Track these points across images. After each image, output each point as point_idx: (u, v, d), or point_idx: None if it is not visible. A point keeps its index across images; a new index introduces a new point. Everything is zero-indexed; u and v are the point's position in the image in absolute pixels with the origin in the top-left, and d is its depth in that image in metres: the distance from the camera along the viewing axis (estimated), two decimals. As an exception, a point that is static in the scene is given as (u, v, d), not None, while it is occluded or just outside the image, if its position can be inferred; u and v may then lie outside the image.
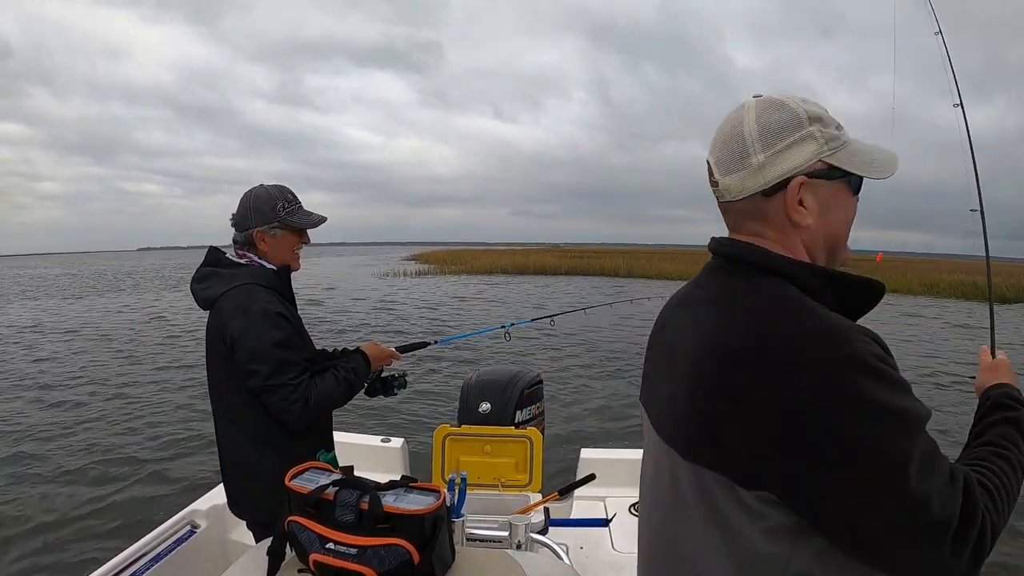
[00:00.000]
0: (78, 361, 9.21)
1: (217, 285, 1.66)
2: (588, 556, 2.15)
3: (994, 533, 0.67)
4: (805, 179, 0.75)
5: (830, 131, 0.76)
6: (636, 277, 28.04)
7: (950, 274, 26.05)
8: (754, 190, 0.77)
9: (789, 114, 0.76)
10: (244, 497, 1.74)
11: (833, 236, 0.80)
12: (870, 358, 0.66)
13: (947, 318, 15.87)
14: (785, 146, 0.75)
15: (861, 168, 0.78)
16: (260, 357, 1.57)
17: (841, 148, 0.77)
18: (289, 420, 1.60)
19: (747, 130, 0.76)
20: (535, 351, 9.94)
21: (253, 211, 1.69)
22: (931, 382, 8.23)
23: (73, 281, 29.49)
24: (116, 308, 16.45)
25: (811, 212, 0.76)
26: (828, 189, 0.77)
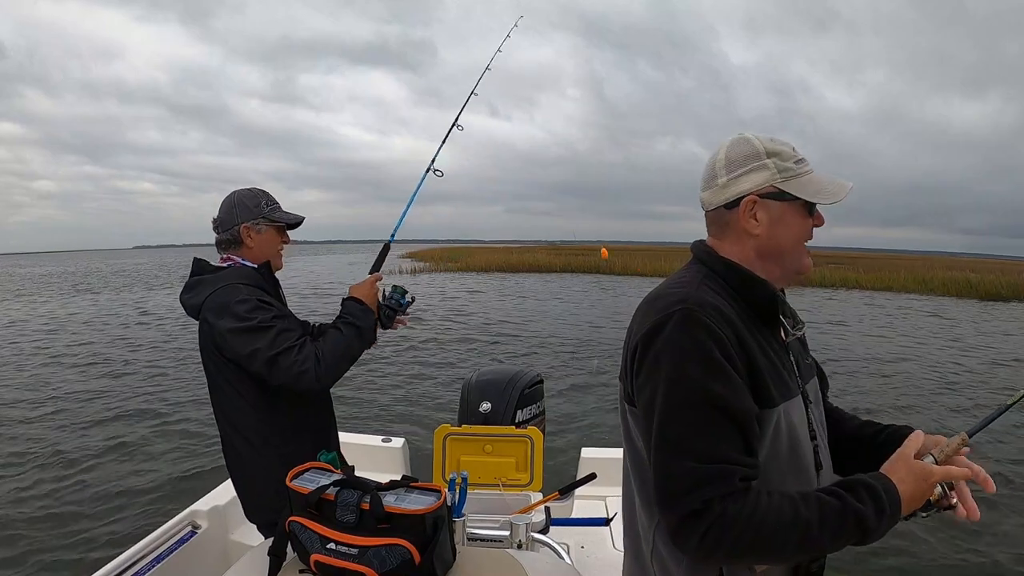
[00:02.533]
0: (77, 361, 9.21)
1: (202, 291, 1.67)
2: (589, 555, 2.15)
3: (733, 549, 0.80)
4: (757, 198, 0.96)
5: (785, 164, 0.96)
6: (630, 275, 28.06)
7: (944, 271, 26.12)
8: (719, 203, 0.99)
9: (751, 148, 0.98)
10: (254, 501, 1.73)
11: (780, 247, 0.98)
12: (693, 319, 0.86)
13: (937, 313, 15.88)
14: (743, 172, 0.97)
15: (809, 195, 0.96)
16: (255, 337, 1.56)
17: (794, 177, 0.96)
18: (309, 382, 1.56)
19: (718, 158, 1.00)
20: (535, 350, 9.94)
21: (238, 207, 1.71)
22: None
23: (72, 280, 29.49)
24: (114, 307, 16.46)
25: (762, 225, 0.97)
26: (779, 208, 0.96)
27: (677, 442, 0.83)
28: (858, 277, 25.08)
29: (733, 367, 0.85)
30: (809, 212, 0.97)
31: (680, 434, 0.83)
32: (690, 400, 0.83)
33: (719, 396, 0.83)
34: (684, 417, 0.83)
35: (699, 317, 0.86)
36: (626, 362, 0.95)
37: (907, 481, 0.85)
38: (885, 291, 22.87)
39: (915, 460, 0.87)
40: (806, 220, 0.98)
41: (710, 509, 0.79)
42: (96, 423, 6.15)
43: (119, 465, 5.01)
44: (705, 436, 0.82)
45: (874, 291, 22.84)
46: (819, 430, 1.01)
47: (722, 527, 0.79)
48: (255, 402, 1.65)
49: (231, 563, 1.20)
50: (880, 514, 0.81)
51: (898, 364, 9.17)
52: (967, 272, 24.97)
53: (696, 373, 0.83)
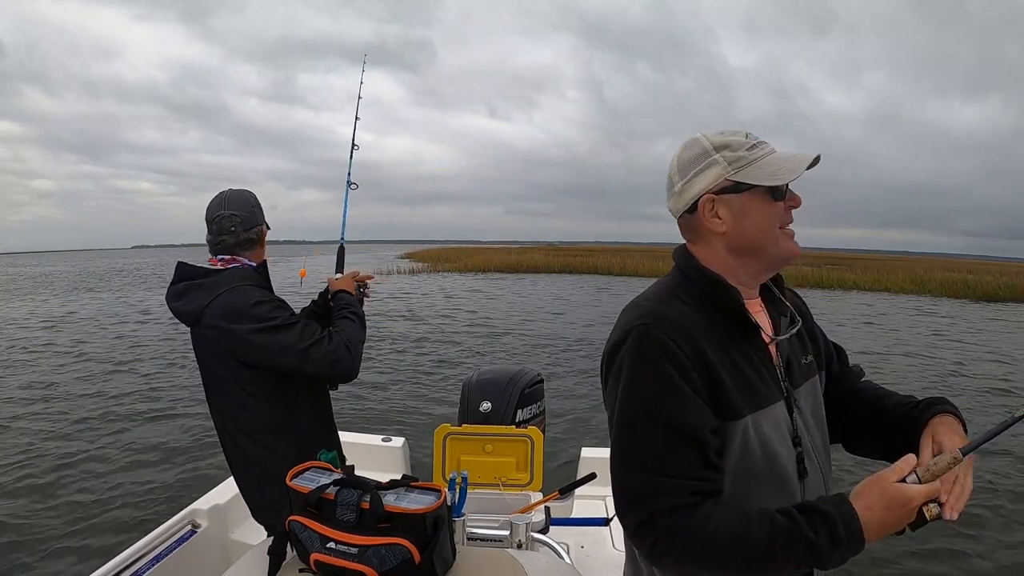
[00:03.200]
0: (76, 360, 9.21)
1: (200, 296, 1.63)
2: (589, 555, 2.15)
3: (680, 560, 0.83)
4: (713, 196, 0.95)
5: (736, 154, 0.94)
6: (629, 275, 28.09)
7: (942, 272, 26.15)
8: (681, 210, 0.99)
9: (699, 147, 0.96)
10: (264, 501, 1.72)
11: (750, 238, 0.95)
12: (649, 338, 0.88)
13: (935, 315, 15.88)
14: (695, 173, 0.96)
15: (764, 179, 0.93)
16: (283, 333, 1.58)
17: (747, 165, 0.93)
18: (345, 368, 1.63)
19: (671, 166, 1.00)
20: (535, 350, 9.95)
21: (257, 208, 1.73)
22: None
23: (71, 280, 29.50)
24: (113, 307, 16.46)
25: (725, 221, 0.95)
26: (739, 201, 0.94)
27: (629, 456, 0.88)
28: (855, 278, 25.11)
29: (689, 382, 0.86)
30: (774, 196, 0.93)
31: (632, 448, 0.88)
32: (642, 417, 0.87)
33: (670, 413, 0.85)
34: (636, 432, 0.88)
35: (655, 334, 0.88)
36: (601, 371, 0.98)
37: (876, 508, 0.79)
38: (882, 292, 22.90)
39: (893, 485, 0.80)
40: (773, 205, 0.94)
41: (656, 521, 0.83)
42: (95, 422, 6.16)
43: (118, 464, 5.01)
44: (654, 452, 0.85)
45: (872, 292, 22.86)
46: (807, 435, 0.98)
47: (669, 539, 0.82)
48: (268, 403, 1.64)
49: (231, 562, 1.20)
50: (834, 543, 0.78)
51: (891, 363, 9.18)
52: (965, 274, 24.99)
53: (648, 390, 0.87)
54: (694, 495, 0.83)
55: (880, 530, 0.80)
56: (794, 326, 1.02)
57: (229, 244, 1.71)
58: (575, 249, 60.49)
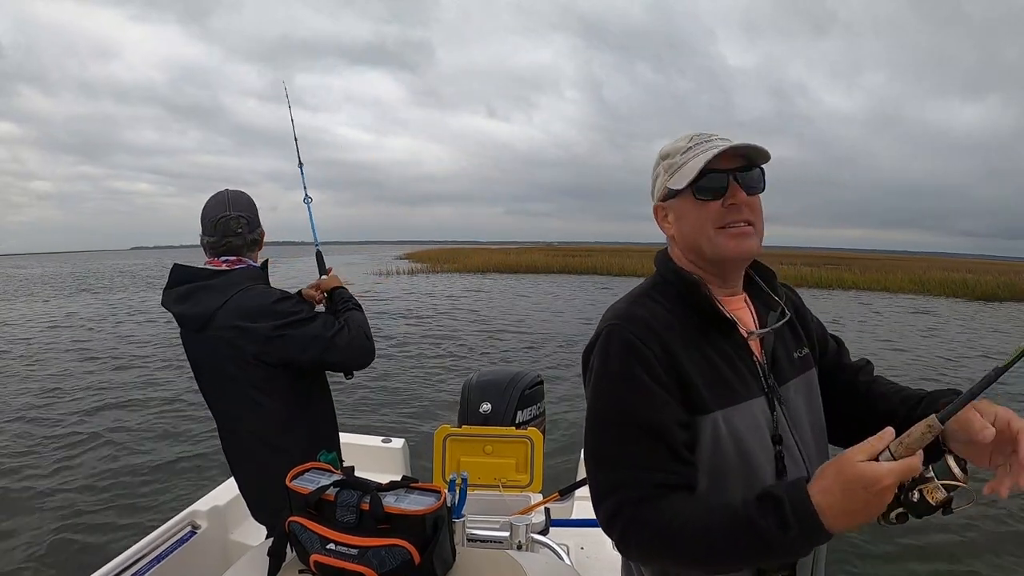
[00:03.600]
0: (76, 360, 9.21)
1: (210, 298, 1.61)
2: (589, 556, 2.15)
3: (645, 551, 0.88)
4: (659, 204, 1.03)
5: (672, 160, 0.98)
6: (627, 276, 28.11)
7: (941, 272, 26.17)
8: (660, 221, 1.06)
9: (655, 163, 1.04)
10: (266, 503, 1.71)
11: (689, 237, 0.99)
12: (616, 338, 0.92)
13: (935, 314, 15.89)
14: (652, 185, 1.05)
15: (676, 183, 0.96)
16: (308, 326, 1.63)
17: (676, 172, 0.96)
18: (368, 353, 1.72)
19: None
20: (535, 351, 9.94)
21: (256, 210, 1.74)
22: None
23: (71, 280, 29.51)
24: (111, 307, 16.46)
25: (672, 225, 1.02)
26: (676, 205, 1.00)
27: (598, 452, 0.92)
28: (854, 278, 25.12)
29: (655, 379, 0.88)
30: (697, 197, 0.94)
31: (600, 445, 0.91)
32: (608, 415, 0.91)
33: (635, 410, 0.88)
34: (604, 430, 0.91)
35: (622, 334, 0.91)
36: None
37: (834, 491, 0.71)
38: (880, 291, 22.92)
39: (853, 465, 0.71)
40: (703, 205, 0.94)
41: (622, 512, 0.86)
42: (94, 422, 6.16)
43: (118, 464, 5.01)
44: (621, 448, 0.88)
45: (870, 291, 22.88)
46: (793, 431, 0.95)
47: (635, 530, 0.85)
48: (283, 401, 1.65)
49: (231, 563, 1.20)
50: (784, 529, 0.73)
51: (885, 360, 9.18)
52: (964, 273, 25.01)
53: (613, 389, 0.90)
54: (659, 487, 0.85)
55: (844, 516, 0.71)
56: (778, 321, 1.00)
57: (236, 245, 1.69)
58: (575, 249, 60.54)
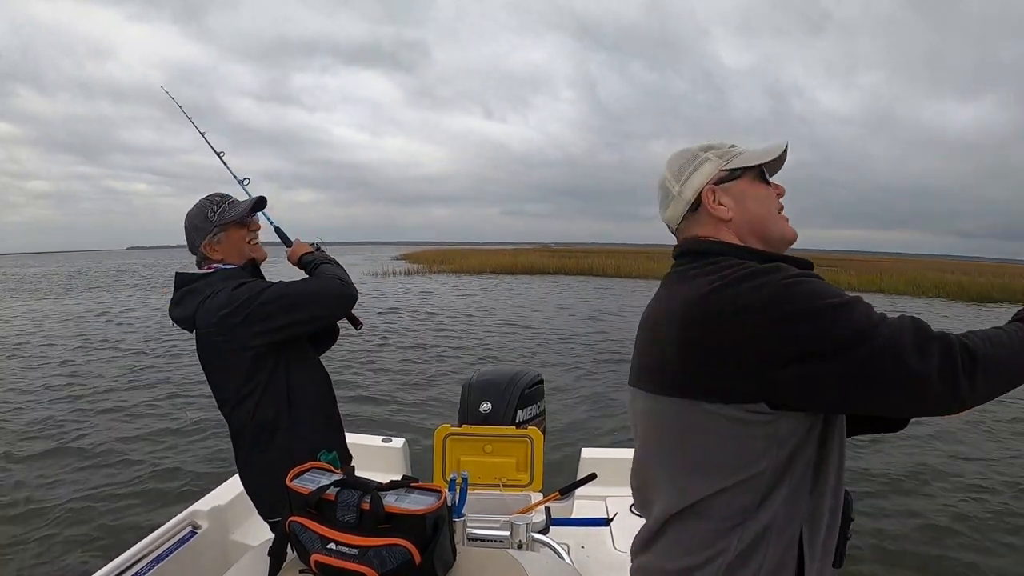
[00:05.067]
0: (76, 361, 9.21)
1: (193, 301, 1.67)
2: (589, 556, 2.15)
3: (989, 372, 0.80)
4: (713, 186, 0.98)
5: (722, 150, 1.00)
6: (624, 276, 28.13)
7: (937, 273, 26.20)
8: (683, 211, 1.01)
9: (688, 153, 1.02)
10: (262, 499, 1.74)
11: (756, 218, 0.98)
12: (814, 280, 0.83)
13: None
14: (690, 173, 1.00)
15: (754, 160, 0.99)
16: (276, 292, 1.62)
17: (735, 156, 1.00)
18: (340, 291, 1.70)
19: (665, 177, 1.04)
20: (535, 350, 9.95)
21: (193, 231, 1.72)
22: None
23: (71, 279, 29.53)
24: (111, 307, 16.46)
25: (729, 207, 0.98)
26: (737, 186, 0.98)
27: (871, 325, 0.79)
28: (849, 279, 25.14)
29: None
30: (765, 180, 1.00)
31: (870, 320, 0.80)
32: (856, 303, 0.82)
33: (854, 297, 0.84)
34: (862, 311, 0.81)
35: (817, 280, 0.85)
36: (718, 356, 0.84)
37: None
38: (876, 293, 22.96)
39: None
40: (767, 187, 1.00)
41: (948, 339, 0.79)
42: (93, 421, 6.16)
43: (118, 464, 5.01)
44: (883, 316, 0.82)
45: (865, 293, 22.90)
46: None
47: (971, 354, 0.79)
48: (271, 400, 1.66)
49: (231, 563, 1.20)
50: None
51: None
52: (959, 275, 25.05)
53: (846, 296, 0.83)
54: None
55: None
56: None
57: (196, 262, 1.77)
58: (571, 250, 60.62)
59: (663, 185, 1.04)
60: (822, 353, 0.79)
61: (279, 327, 1.62)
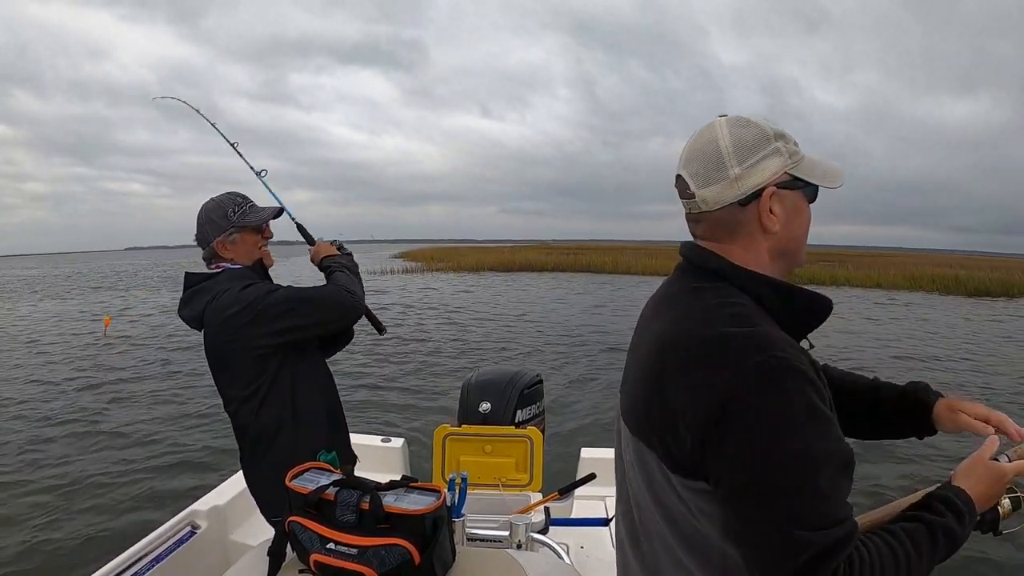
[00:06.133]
0: (77, 360, 9.21)
1: (200, 300, 1.68)
2: (588, 556, 2.15)
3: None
4: (775, 189, 0.83)
5: (791, 147, 0.85)
6: (622, 273, 28.14)
7: (934, 267, 26.27)
8: (731, 200, 0.84)
9: (758, 131, 0.84)
10: (264, 498, 1.75)
11: (796, 241, 0.88)
12: (792, 370, 0.72)
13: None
14: (758, 159, 0.83)
15: (818, 178, 0.86)
16: (276, 298, 1.63)
17: (801, 161, 0.85)
18: (341, 302, 1.68)
19: (723, 145, 0.83)
20: (534, 350, 9.94)
21: (207, 224, 1.72)
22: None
23: (73, 280, 29.50)
24: (110, 307, 16.44)
25: (779, 219, 0.84)
26: (792, 198, 0.85)
27: (798, 517, 0.70)
28: (847, 275, 25.17)
29: (830, 408, 0.75)
30: (811, 199, 0.88)
31: (801, 505, 0.70)
32: (811, 467, 0.70)
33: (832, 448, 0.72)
34: (806, 485, 0.70)
35: (796, 366, 0.72)
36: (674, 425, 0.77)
37: (982, 482, 0.85)
38: (874, 288, 22.98)
39: (991, 463, 0.87)
40: (809, 209, 0.89)
41: (852, 568, 0.70)
42: (92, 421, 6.16)
43: (117, 464, 5.01)
44: (829, 500, 0.71)
45: (863, 288, 22.93)
46: None
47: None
48: (276, 400, 1.67)
49: (231, 563, 1.20)
50: (960, 520, 0.81)
51: (875, 357, 9.21)
52: (957, 269, 25.13)
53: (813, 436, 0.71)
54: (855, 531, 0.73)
55: (980, 504, 0.85)
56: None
57: (204, 257, 1.78)
58: (569, 247, 60.60)
59: (715, 154, 0.83)
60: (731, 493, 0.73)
61: (284, 329, 1.63)
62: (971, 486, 0.84)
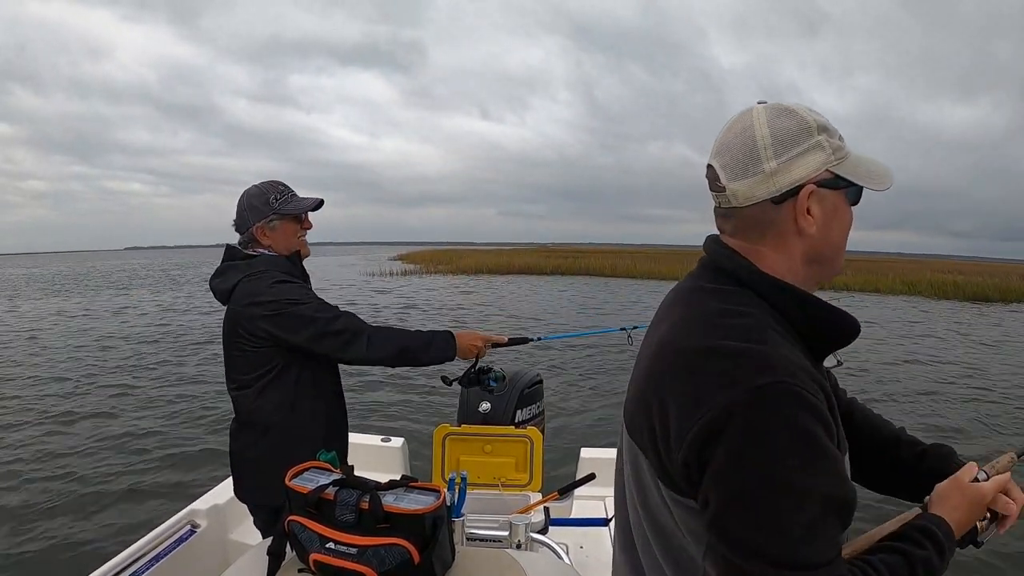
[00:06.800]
0: (77, 360, 9.20)
1: (233, 276, 1.71)
2: (588, 556, 2.15)
3: None
4: (815, 188, 0.76)
5: (835, 141, 0.77)
6: (621, 277, 28.16)
7: (933, 273, 26.30)
8: (764, 197, 0.76)
9: (799, 122, 0.76)
10: (251, 481, 1.77)
11: (834, 245, 0.80)
12: (792, 397, 0.66)
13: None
14: (797, 154, 0.75)
15: (863, 179, 0.79)
16: (303, 307, 1.64)
17: (845, 159, 0.77)
18: (358, 349, 1.64)
19: (759, 135, 0.76)
20: (534, 350, 9.94)
21: (248, 210, 1.74)
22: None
23: (74, 280, 29.51)
24: (111, 307, 16.44)
25: (816, 221, 0.77)
26: (832, 199, 0.78)
27: (779, 556, 0.64)
28: (845, 280, 25.20)
29: (833, 442, 0.68)
30: (853, 201, 0.81)
31: (785, 544, 0.64)
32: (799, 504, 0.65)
33: (833, 493, 0.66)
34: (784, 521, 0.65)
35: (796, 391, 0.66)
36: (665, 435, 0.72)
37: (960, 508, 0.80)
38: (873, 293, 22.99)
39: (970, 485, 0.82)
40: (851, 211, 0.81)
41: None
42: (92, 421, 6.15)
43: (117, 463, 5.01)
44: (815, 542, 0.65)
45: (862, 293, 22.94)
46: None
47: None
48: (277, 387, 1.68)
49: (230, 562, 1.21)
50: (941, 552, 0.76)
51: (867, 361, 9.20)
52: (955, 275, 25.17)
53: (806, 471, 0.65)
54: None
55: (959, 528, 0.80)
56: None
57: (241, 243, 1.80)
58: (568, 250, 60.75)
59: (751, 145, 0.76)
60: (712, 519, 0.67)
61: (299, 343, 1.64)
62: (949, 512, 0.79)
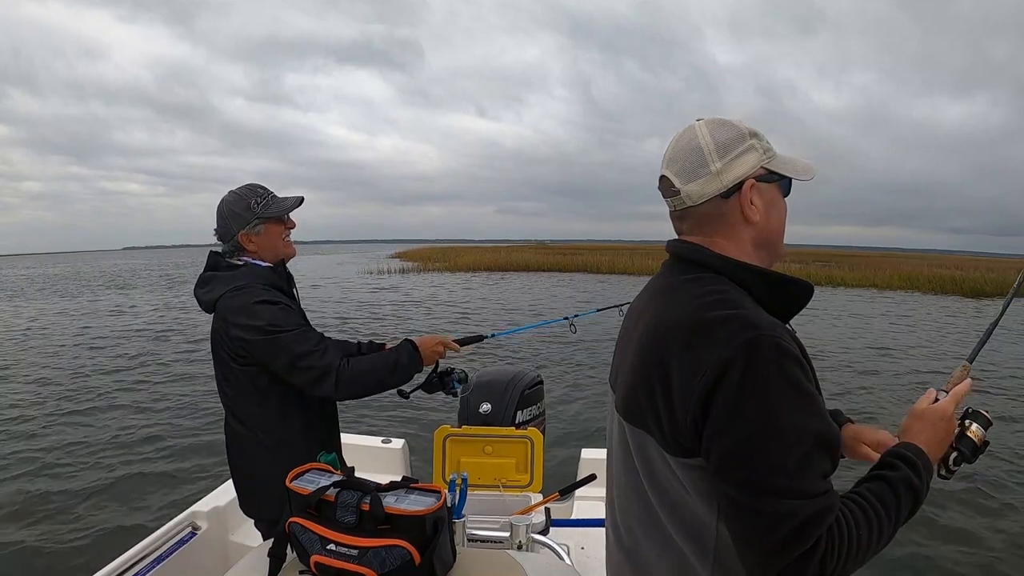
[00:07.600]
0: (77, 361, 9.20)
1: (217, 288, 1.68)
2: (589, 556, 2.15)
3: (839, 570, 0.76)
4: (754, 182, 0.90)
5: (765, 143, 0.92)
6: (619, 273, 28.17)
7: (930, 268, 26.34)
8: (714, 193, 0.90)
9: (735, 129, 0.91)
10: (253, 496, 1.76)
11: (775, 231, 0.94)
12: (777, 348, 0.76)
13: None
14: (736, 155, 0.90)
15: (791, 172, 0.94)
16: (276, 338, 1.60)
17: (774, 157, 0.93)
18: (327, 388, 1.60)
19: (704, 144, 0.90)
20: (534, 351, 9.94)
21: (230, 218, 1.71)
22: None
23: (73, 281, 29.50)
24: (111, 307, 16.44)
25: (759, 210, 0.91)
26: (770, 190, 0.92)
27: (781, 488, 0.73)
28: (843, 275, 25.19)
29: (817, 389, 0.80)
30: (786, 192, 0.96)
31: (785, 477, 0.74)
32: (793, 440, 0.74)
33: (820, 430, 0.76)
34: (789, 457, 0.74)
35: (779, 343, 0.77)
36: (670, 405, 0.81)
37: (925, 431, 0.92)
38: (870, 288, 23.00)
39: (929, 407, 0.94)
40: (784, 201, 0.96)
41: (818, 546, 0.73)
42: (92, 423, 6.15)
43: (117, 465, 5.00)
44: (810, 473, 0.75)
45: (859, 288, 22.95)
46: None
47: (831, 558, 0.74)
48: (267, 399, 1.67)
49: (231, 564, 1.21)
50: (916, 470, 0.85)
51: (863, 354, 9.21)
52: (953, 270, 25.20)
53: (796, 411, 0.75)
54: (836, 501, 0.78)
55: (934, 449, 0.91)
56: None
57: (225, 252, 1.76)
58: (565, 247, 60.72)
59: (697, 151, 0.90)
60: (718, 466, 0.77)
61: (270, 368, 1.62)
62: (915, 437, 0.91)
